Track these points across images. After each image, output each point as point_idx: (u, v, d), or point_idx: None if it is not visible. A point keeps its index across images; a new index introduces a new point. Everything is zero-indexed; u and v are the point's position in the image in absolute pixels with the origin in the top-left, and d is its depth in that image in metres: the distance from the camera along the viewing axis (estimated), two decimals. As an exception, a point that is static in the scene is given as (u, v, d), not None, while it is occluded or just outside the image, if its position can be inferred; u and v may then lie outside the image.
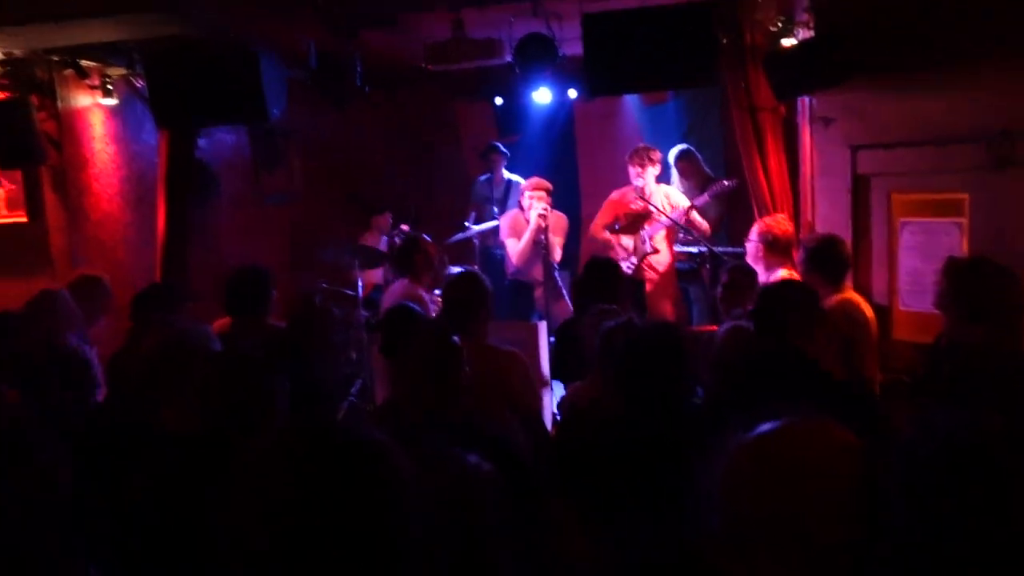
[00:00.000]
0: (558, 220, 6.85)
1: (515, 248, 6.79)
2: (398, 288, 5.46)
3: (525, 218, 6.75)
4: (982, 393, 2.63)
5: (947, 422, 1.55)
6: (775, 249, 4.72)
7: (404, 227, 7.79)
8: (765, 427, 1.58)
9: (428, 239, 5.39)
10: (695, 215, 6.34)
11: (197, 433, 2.55)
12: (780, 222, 4.84)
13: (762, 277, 4.72)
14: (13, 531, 1.94)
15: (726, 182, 6.20)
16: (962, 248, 4.46)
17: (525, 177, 7.94)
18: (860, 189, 4.81)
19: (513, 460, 2.79)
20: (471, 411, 2.99)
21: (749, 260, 4.87)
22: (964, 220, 4.46)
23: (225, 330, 4.26)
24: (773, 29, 4.88)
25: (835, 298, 4.09)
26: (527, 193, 6.72)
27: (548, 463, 3.10)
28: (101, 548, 2.27)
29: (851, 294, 4.22)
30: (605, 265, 4.63)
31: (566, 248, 7.40)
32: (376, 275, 7.83)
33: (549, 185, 6.77)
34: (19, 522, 1.97)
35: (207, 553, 1.35)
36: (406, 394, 3.02)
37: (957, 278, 3.33)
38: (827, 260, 4.17)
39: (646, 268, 6.53)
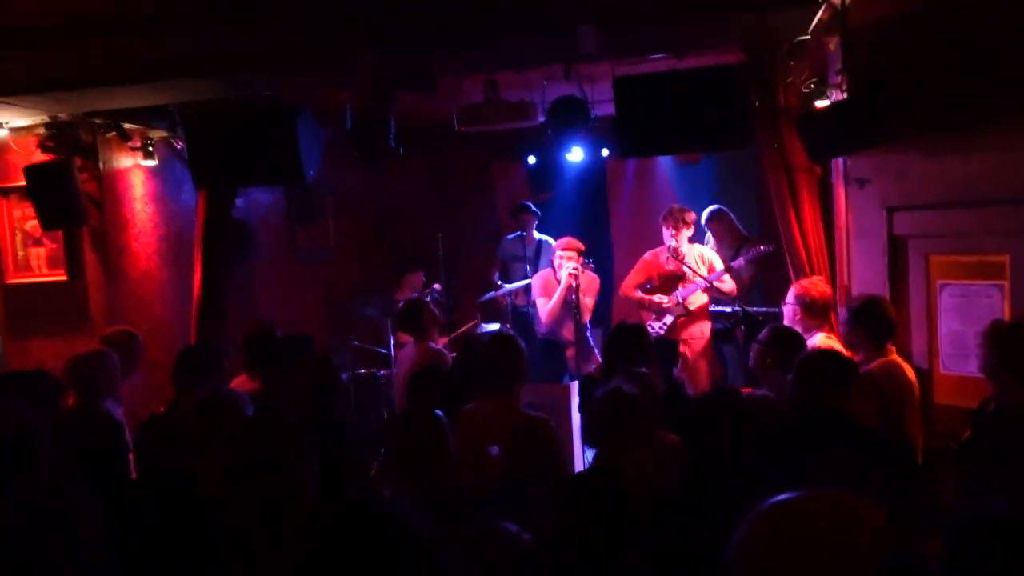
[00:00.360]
0: (590, 281, 6.84)
1: (545, 307, 6.79)
2: (410, 351, 5.50)
3: (556, 278, 6.75)
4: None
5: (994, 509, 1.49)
6: (812, 312, 4.66)
7: (436, 286, 7.81)
8: (783, 496, 1.55)
9: (429, 301, 5.44)
10: (725, 277, 6.30)
11: (229, 497, 2.54)
12: (817, 284, 4.78)
13: (799, 340, 4.66)
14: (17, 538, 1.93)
15: (762, 247, 6.16)
16: (1004, 311, 4.36)
17: (557, 236, 7.96)
18: (897, 250, 4.73)
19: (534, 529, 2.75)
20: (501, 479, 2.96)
21: (786, 323, 4.80)
22: (1005, 283, 4.37)
23: (247, 388, 4.27)
24: (806, 90, 4.88)
25: (879, 361, 4.03)
26: (558, 253, 6.73)
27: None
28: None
29: (895, 357, 4.15)
30: (634, 330, 4.59)
31: (599, 306, 7.38)
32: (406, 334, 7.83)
33: (581, 245, 6.77)
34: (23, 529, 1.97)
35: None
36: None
37: (1001, 342, 3.24)
38: (871, 320, 4.11)
39: (681, 328, 6.47)
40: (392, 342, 6.83)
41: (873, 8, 4.29)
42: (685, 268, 6.37)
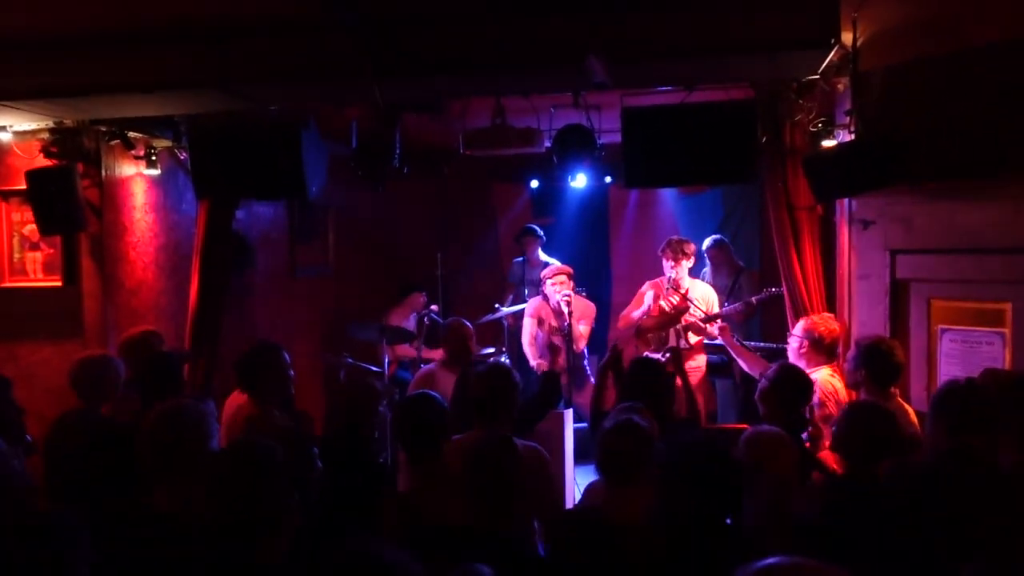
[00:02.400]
0: (585, 308, 6.81)
1: (528, 339, 6.77)
2: (423, 369, 5.46)
3: (550, 305, 6.74)
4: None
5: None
6: (819, 347, 4.68)
7: (434, 307, 7.79)
8: (767, 561, 1.58)
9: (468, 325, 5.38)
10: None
11: (190, 518, 2.49)
12: (826, 321, 4.79)
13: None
14: None
15: (773, 289, 6.15)
16: (1004, 359, 4.35)
17: (560, 258, 7.96)
18: (899, 293, 4.73)
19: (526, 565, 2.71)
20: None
21: (791, 356, 4.79)
22: (1007, 330, 4.35)
23: (245, 409, 4.22)
24: (813, 129, 4.88)
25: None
26: (548, 281, 6.72)
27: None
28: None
29: (899, 401, 4.14)
30: (650, 365, 4.56)
31: (596, 332, 7.35)
32: (403, 351, 7.80)
33: (569, 269, 6.77)
34: None
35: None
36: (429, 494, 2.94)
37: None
38: (877, 361, 4.10)
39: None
40: (387, 360, 6.79)
41: (884, 53, 4.30)
42: (689, 302, 6.34)
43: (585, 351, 6.83)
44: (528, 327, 6.90)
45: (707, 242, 7.61)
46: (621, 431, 3.24)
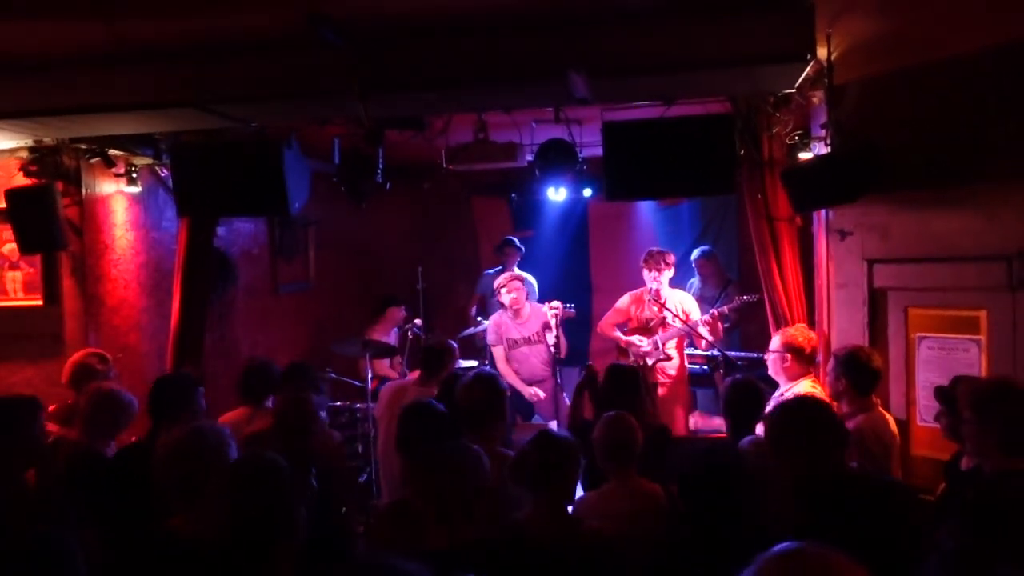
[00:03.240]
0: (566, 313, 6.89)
1: (503, 367, 6.82)
2: (406, 383, 5.44)
3: (508, 315, 6.80)
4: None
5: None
6: (800, 359, 4.73)
7: (417, 321, 7.80)
8: (775, 549, 1.61)
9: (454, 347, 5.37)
10: (702, 329, 6.33)
11: (213, 541, 2.49)
12: (803, 331, 4.84)
13: (784, 387, 4.70)
14: None
15: (746, 297, 6.22)
16: (981, 366, 4.42)
17: (536, 273, 8.00)
18: (877, 302, 4.79)
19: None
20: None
21: (772, 371, 4.83)
22: (982, 337, 4.43)
23: (241, 421, 4.24)
24: (790, 142, 4.95)
25: (865, 416, 4.07)
26: (502, 290, 6.82)
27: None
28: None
29: (880, 410, 4.20)
30: (626, 372, 4.61)
31: (576, 344, 7.41)
32: (385, 367, 7.80)
33: (520, 275, 6.92)
34: None
35: None
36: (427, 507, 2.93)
37: (981, 404, 3.23)
38: (857, 370, 4.15)
39: (659, 372, 6.50)
40: (369, 375, 6.79)
41: (859, 66, 4.39)
42: (666, 312, 6.40)
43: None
44: (498, 356, 6.92)
45: (695, 253, 7.69)
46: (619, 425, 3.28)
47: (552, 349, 6.60)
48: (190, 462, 2.83)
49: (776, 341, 4.87)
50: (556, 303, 6.55)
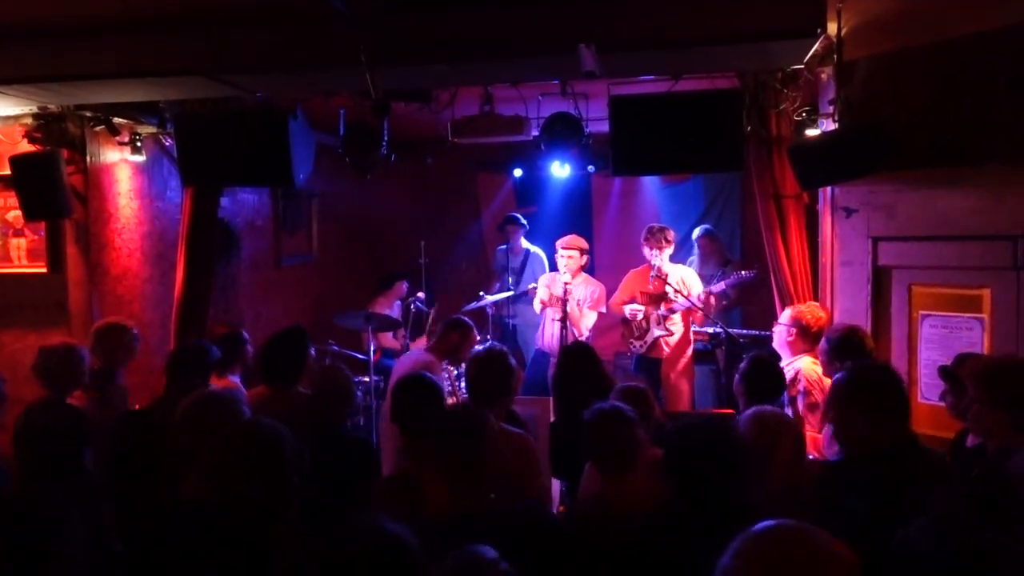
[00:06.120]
0: (599, 292, 6.94)
1: (538, 305, 7.06)
2: (415, 355, 5.44)
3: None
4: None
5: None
6: (805, 336, 4.76)
7: (420, 294, 7.82)
8: (766, 524, 1.65)
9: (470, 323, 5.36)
10: (710, 300, 6.38)
11: (213, 504, 2.51)
12: (813, 309, 4.87)
13: (785, 360, 4.71)
14: None
15: (744, 272, 6.22)
16: (983, 344, 4.44)
17: (544, 247, 8.00)
18: (881, 280, 4.81)
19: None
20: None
21: (776, 343, 4.87)
22: (985, 316, 4.45)
23: (261, 399, 4.25)
24: (798, 118, 4.94)
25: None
26: (560, 250, 6.91)
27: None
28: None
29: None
30: (583, 352, 4.62)
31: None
32: (388, 339, 7.82)
33: (583, 244, 6.99)
34: None
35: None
36: (427, 476, 2.95)
37: (991, 381, 3.22)
38: (849, 351, 4.16)
39: (664, 347, 6.52)
40: (372, 348, 6.81)
41: (868, 43, 4.37)
42: (668, 288, 6.41)
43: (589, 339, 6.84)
44: (540, 294, 7.17)
45: (697, 231, 7.69)
46: (608, 419, 3.25)
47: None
48: (204, 426, 2.86)
49: (786, 314, 4.90)
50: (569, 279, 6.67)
